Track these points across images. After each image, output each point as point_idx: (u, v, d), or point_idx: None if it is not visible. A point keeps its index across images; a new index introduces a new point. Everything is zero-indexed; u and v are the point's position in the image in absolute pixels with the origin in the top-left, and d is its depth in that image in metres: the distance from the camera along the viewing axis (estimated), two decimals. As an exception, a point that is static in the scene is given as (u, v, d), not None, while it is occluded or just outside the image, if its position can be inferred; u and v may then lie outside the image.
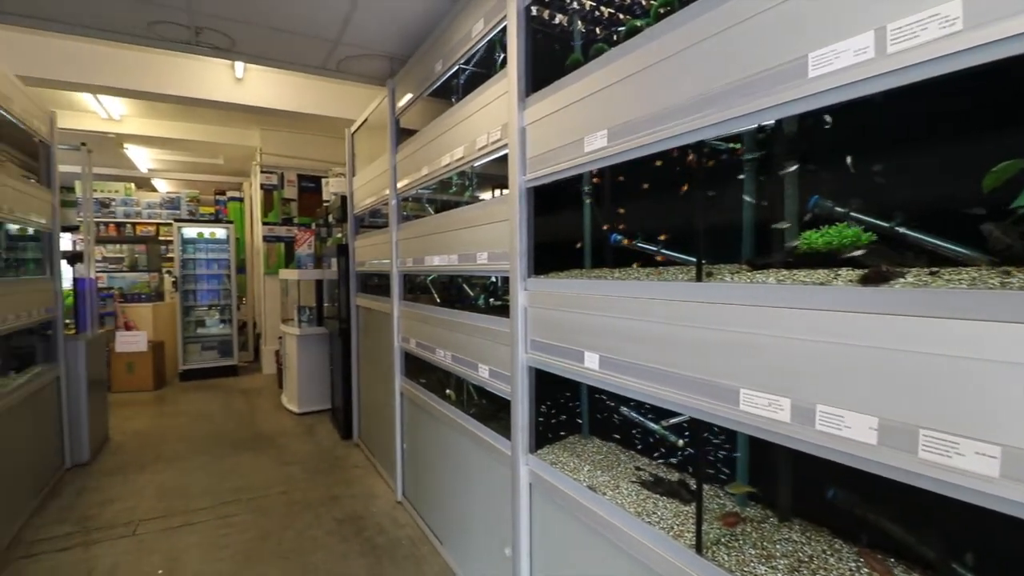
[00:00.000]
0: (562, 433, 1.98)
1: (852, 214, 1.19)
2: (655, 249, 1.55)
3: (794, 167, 1.31)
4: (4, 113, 2.99)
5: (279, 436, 4.56)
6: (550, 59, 1.85)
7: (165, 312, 6.94)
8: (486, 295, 2.45)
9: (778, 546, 1.26)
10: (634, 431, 1.82)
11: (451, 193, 2.90)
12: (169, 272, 7.61)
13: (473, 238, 2.20)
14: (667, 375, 1.26)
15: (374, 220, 4.37)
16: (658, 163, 1.49)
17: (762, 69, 1.03)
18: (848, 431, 0.91)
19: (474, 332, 2.20)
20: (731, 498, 1.50)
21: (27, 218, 3.26)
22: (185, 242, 7.05)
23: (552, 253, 1.91)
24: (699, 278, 1.23)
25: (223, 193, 9.02)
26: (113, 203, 8.49)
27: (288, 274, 5.73)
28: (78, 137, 5.19)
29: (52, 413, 3.63)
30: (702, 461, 1.46)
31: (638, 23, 1.48)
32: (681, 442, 1.61)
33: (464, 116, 2.31)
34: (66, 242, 4.84)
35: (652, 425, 1.67)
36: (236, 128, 6.79)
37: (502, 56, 2.21)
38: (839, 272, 1.03)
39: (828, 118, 1.21)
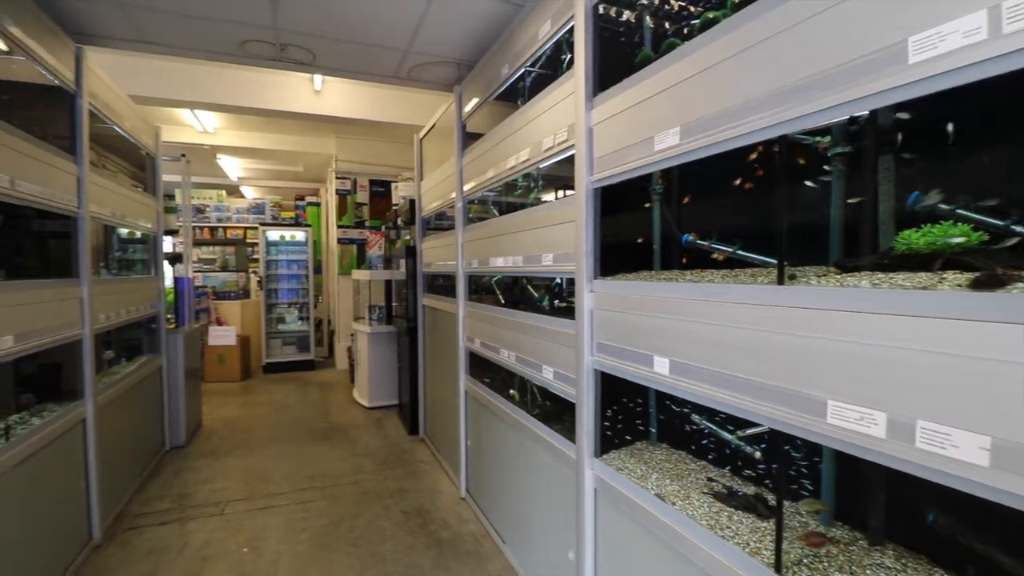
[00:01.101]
0: (628, 438, 1.94)
1: (959, 211, 1.08)
2: (731, 250, 1.48)
3: (890, 160, 1.20)
4: (118, 129, 3.35)
5: (351, 428, 4.79)
6: (617, 58, 1.81)
7: (251, 309, 7.51)
8: (550, 296, 2.44)
9: (868, 572, 1.17)
10: (706, 440, 1.74)
11: (516, 195, 2.92)
12: (255, 272, 8.22)
13: (538, 239, 2.21)
14: (744, 383, 1.19)
15: (439, 223, 4.48)
16: (736, 159, 1.42)
17: (854, 57, 0.96)
18: (954, 451, 0.82)
19: (538, 333, 2.20)
20: (814, 516, 1.40)
21: (137, 223, 3.63)
22: (269, 244, 7.59)
23: (618, 254, 1.88)
24: (781, 281, 1.16)
25: (302, 198, 9.62)
26: (207, 209, 9.28)
27: (360, 275, 6.00)
28: (178, 149, 5.74)
29: (155, 399, 4.02)
30: (782, 475, 1.38)
31: (711, 15, 1.42)
32: (758, 454, 1.52)
33: (530, 118, 2.32)
34: (168, 244, 5.36)
35: (726, 434, 1.60)
36: (314, 137, 7.21)
37: (568, 57, 2.20)
38: (944, 275, 0.94)
39: (932, 106, 1.11)
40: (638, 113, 1.56)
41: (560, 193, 2.98)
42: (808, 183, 1.36)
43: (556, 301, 2.41)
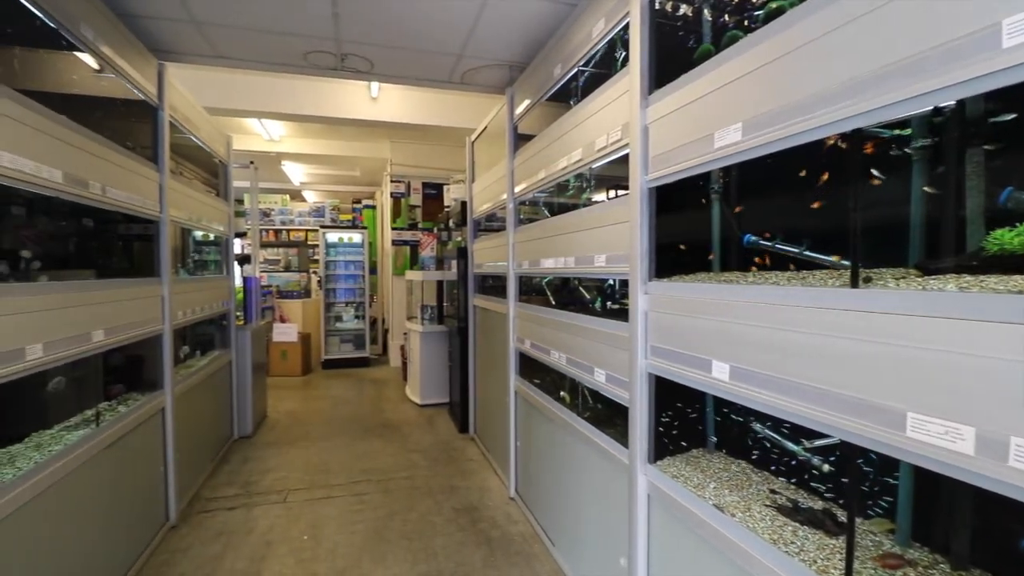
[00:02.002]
0: (684, 445, 1.88)
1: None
2: (797, 251, 1.40)
3: (979, 154, 1.11)
4: (194, 139, 3.60)
5: (404, 425, 4.92)
6: (673, 54, 1.77)
7: (312, 308, 7.87)
8: (602, 298, 2.41)
9: (953, 600, 1.08)
10: (768, 450, 1.67)
11: (567, 196, 2.91)
12: (315, 272, 8.61)
13: (590, 240, 2.18)
14: (812, 391, 1.13)
15: (490, 224, 4.52)
16: (801, 155, 1.35)
17: (939, 43, 0.89)
18: (1061, 473, 0.75)
19: (590, 335, 2.18)
20: (889, 535, 1.31)
21: (210, 226, 3.89)
22: (328, 246, 7.93)
23: (673, 255, 1.83)
24: (855, 283, 1.09)
25: (359, 201, 9.99)
26: (272, 212, 9.80)
27: (413, 275, 6.16)
28: (247, 157, 6.09)
29: (225, 391, 4.28)
30: (854, 489, 1.29)
31: (775, 4, 1.36)
32: (827, 467, 1.44)
33: (582, 118, 2.30)
34: (237, 246, 5.70)
35: (791, 445, 1.52)
36: (370, 142, 7.47)
37: (623, 55, 2.17)
38: (1047, 278, 0.85)
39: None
40: (697, 110, 1.52)
41: (611, 193, 2.94)
42: (885, 179, 1.27)
43: (608, 303, 2.38)
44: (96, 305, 2.19)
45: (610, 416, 2.17)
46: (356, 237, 8.12)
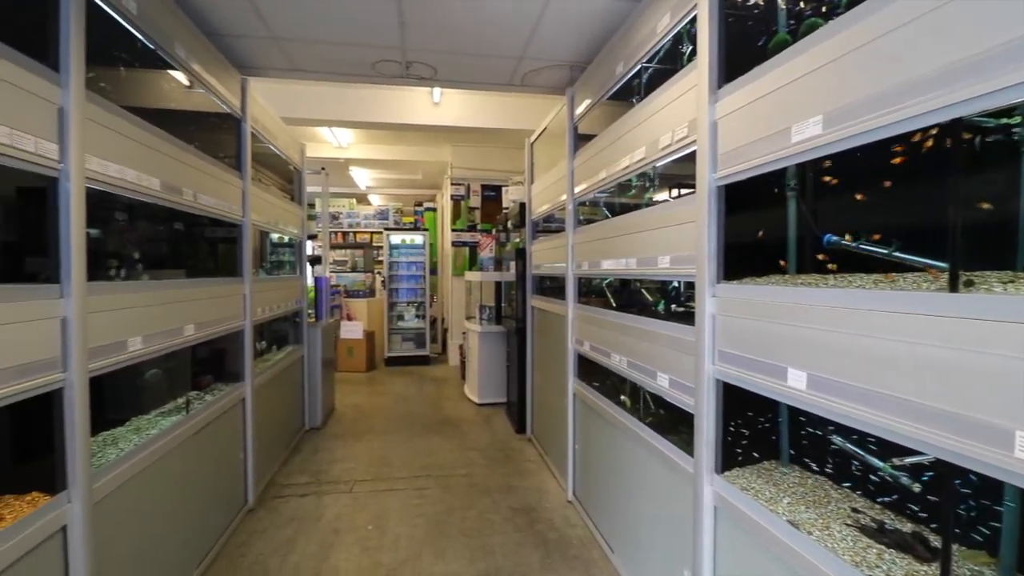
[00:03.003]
0: (755, 456, 1.79)
1: None
2: (885, 252, 1.30)
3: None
4: (273, 148, 3.84)
5: (462, 423, 5.01)
6: (744, 46, 1.69)
7: (376, 307, 8.19)
8: (666, 300, 2.34)
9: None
10: (850, 465, 1.55)
11: (629, 196, 2.85)
12: (379, 273, 8.95)
13: (654, 241, 2.13)
14: (903, 404, 1.04)
15: (548, 225, 4.51)
16: (890, 149, 1.25)
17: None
18: None
19: (653, 339, 2.12)
20: (991, 566, 1.18)
21: (286, 229, 4.14)
22: (392, 247, 8.23)
23: (741, 255, 1.74)
24: (954, 288, 1.00)
25: (420, 204, 10.29)
26: (340, 216, 10.29)
27: (472, 276, 6.26)
28: (318, 163, 6.42)
29: (297, 384, 4.54)
30: (951, 512, 1.18)
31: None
32: (917, 486, 1.32)
33: (645, 116, 2.25)
34: (308, 248, 6.03)
35: (876, 462, 1.41)
36: (432, 147, 7.68)
37: (689, 49, 2.10)
38: None
39: None
40: (772, 103, 1.44)
41: (675, 192, 2.85)
42: (990, 172, 1.15)
43: (672, 305, 2.30)
44: (187, 302, 2.39)
45: (673, 422, 2.11)
46: (418, 239, 8.37)
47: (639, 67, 2.45)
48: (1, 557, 1.33)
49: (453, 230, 7.75)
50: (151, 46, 2.14)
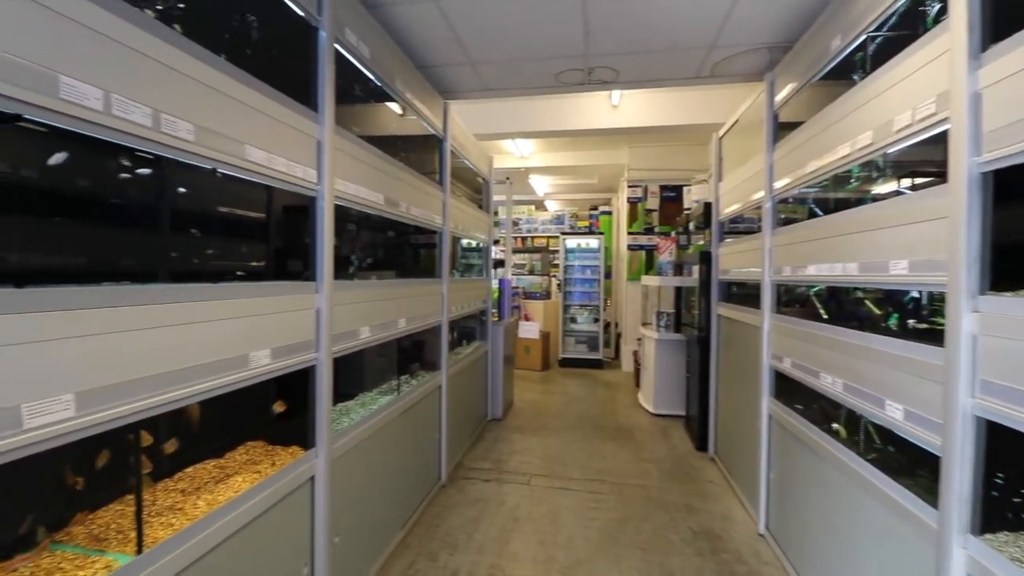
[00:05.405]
0: (1039, 520, 1.37)
1: None
2: None
3: None
4: (467, 162, 4.24)
5: (636, 431, 4.87)
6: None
7: (551, 308, 8.47)
8: (899, 314, 1.94)
9: None
10: None
11: (848, 189, 2.44)
12: (554, 276, 9.25)
13: (883, 242, 1.78)
14: None
15: (735, 226, 4.13)
16: None
17: None
18: None
19: (880, 359, 1.78)
20: None
21: (476, 235, 4.53)
22: (567, 251, 8.42)
23: (1011, 260, 1.36)
24: None
25: (595, 208, 10.33)
26: (520, 222, 10.90)
27: (649, 280, 6.05)
28: (502, 174, 6.90)
29: (482, 377, 4.93)
30: None
31: None
32: None
33: (873, 94, 1.90)
34: (493, 252, 6.51)
35: None
36: (609, 150, 7.64)
37: (936, 7, 1.72)
38: None
39: None
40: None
41: (905, 183, 2.35)
42: None
43: (907, 320, 1.90)
44: (399, 299, 2.77)
45: (908, 463, 1.73)
46: (593, 243, 8.42)
47: (864, 36, 2.09)
48: (277, 491, 1.71)
49: (629, 233, 7.60)
50: (378, 83, 2.54)
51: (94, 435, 1.11)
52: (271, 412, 1.98)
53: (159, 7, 1.55)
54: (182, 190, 1.80)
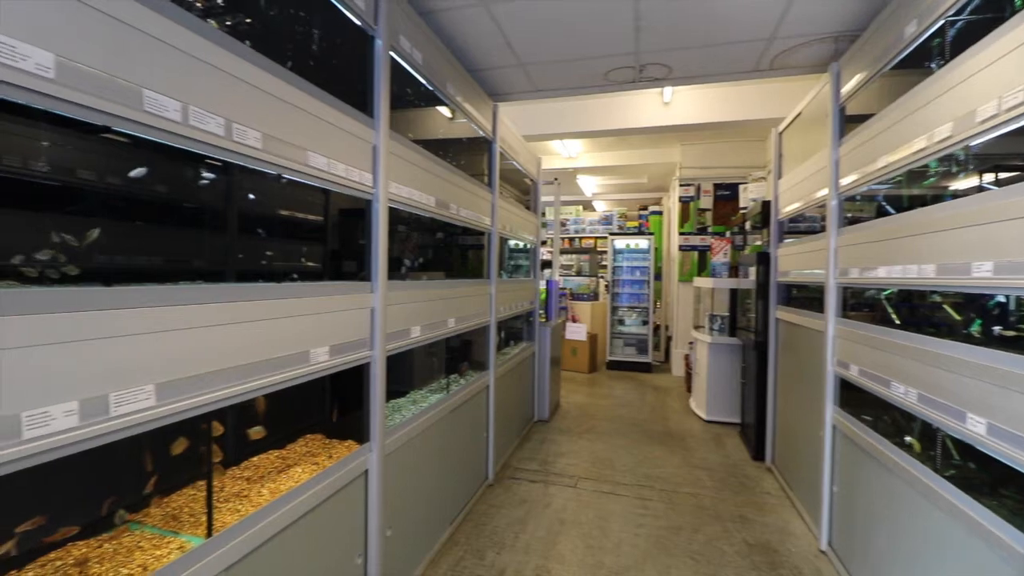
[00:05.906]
0: None
1: None
2: None
3: None
4: (515, 164, 4.25)
5: (688, 438, 4.73)
6: None
7: (599, 310, 8.36)
8: (983, 320, 1.79)
9: None
10: None
11: (924, 186, 2.27)
12: (602, 277, 9.12)
13: (965, 242, 1.65)
14: None
15: (795, 225, 3.94)
16: None
17: None
18: None
19: (961, 368, 1.64)
20: None
21: (524, 236, 4.54)
22: (616, 252, 8.29)
23: None
24: None
25: (645, 208, 10.12)
26: (567, 222, 10.84)
27: (702, 282, 5.86)
28: (550, 175, 6.89)
29: (529, 378, 4.94)
30: None
31: None
32: None
33: (950, 84, 1.76)
34: (541, 253, 6.51)
35: None
36: (659, 148, 7.47)
37: (1030, -16, 1.58)
38: None
39: None
40: None
41: (989, 178, 2.16)
42: None
43: (993, 327, 1.74)
44: (449, 299, 2.82)
45: (993, 482, 1.59)
46: (642, 243, 8.24)
47: (942, 22, 1.94)
48: (334, 483, 1.78)
49: (680, 233, 7.39)
50: (430, 88, 2.59)
51: (170, 424, 1.20)
52: (329, 407, 2.06)
53: (228, 23, 1.65)
54: (249, 195, 1.91)
